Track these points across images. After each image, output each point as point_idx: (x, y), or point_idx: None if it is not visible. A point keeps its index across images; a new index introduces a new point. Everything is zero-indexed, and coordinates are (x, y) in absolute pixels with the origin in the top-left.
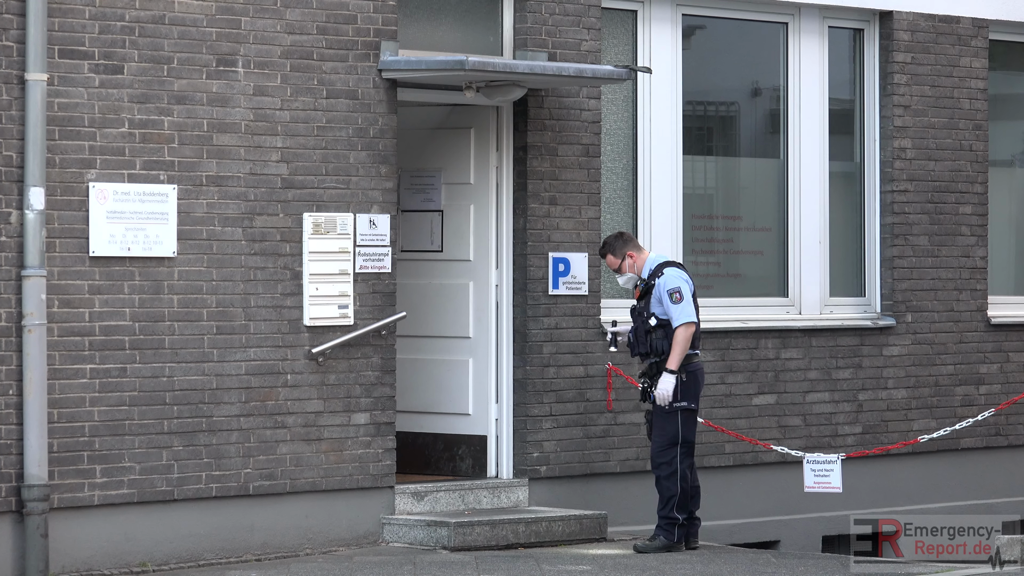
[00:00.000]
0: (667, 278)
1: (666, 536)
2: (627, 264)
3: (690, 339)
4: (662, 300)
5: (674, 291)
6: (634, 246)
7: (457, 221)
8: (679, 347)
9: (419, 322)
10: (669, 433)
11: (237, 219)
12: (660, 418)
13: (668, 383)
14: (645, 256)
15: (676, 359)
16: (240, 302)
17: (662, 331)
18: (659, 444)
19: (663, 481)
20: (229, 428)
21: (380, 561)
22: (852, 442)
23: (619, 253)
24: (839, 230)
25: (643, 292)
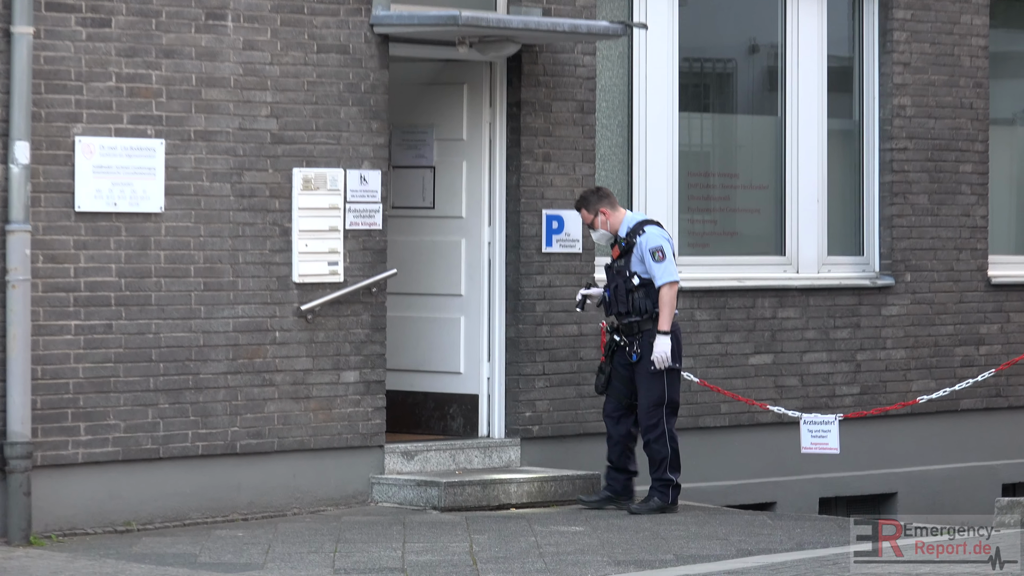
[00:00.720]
0: (649, 236)
1: (660, 497)
2: (599, 220)
3: (675, 298)
4: (644, 259)
5: (656, 250)
6: (609, 203)
7: (449, 178)
8: (667, 307)
9: (410, 279)
10: (655, 394)
11: (225, 174)
12: (645, 379)
13: (664, 345)
14: (621, 215)
15: (667, 319)
16: (228, 258)
17: (644, 290)
18: (645, 406)
19: (652, 444)
20: (216, 386)
21: (369, 521)
22: (850, 403)
23: (592, 208)
24: (837, 188)
25: (623, 251)
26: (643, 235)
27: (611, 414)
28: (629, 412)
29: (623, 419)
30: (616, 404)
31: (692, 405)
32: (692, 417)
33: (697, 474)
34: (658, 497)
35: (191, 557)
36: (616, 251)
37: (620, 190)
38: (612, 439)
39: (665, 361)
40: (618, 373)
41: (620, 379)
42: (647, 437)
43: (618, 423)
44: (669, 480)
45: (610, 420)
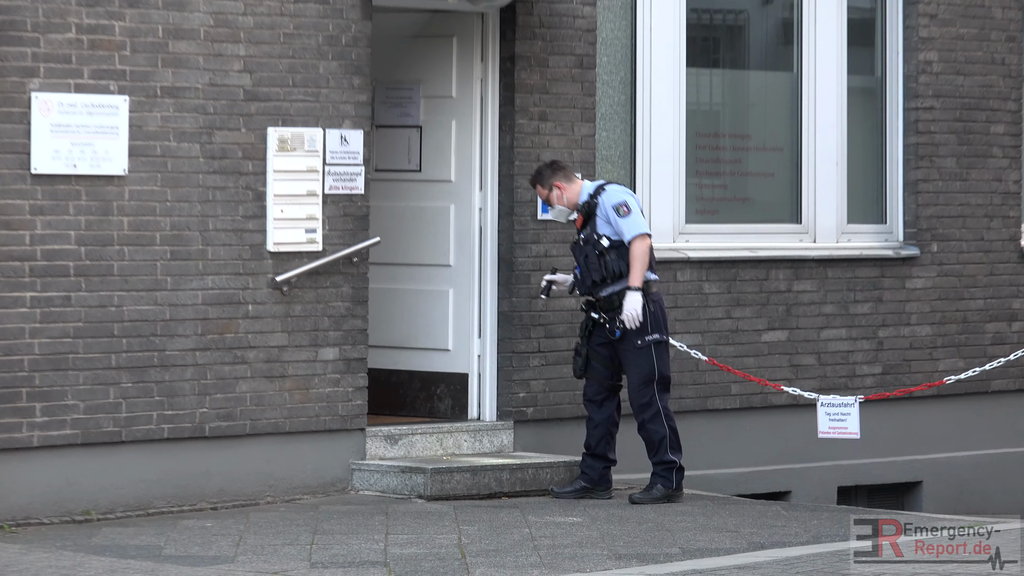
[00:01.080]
0: (609, 193)
1: (664, 483)
2: (555, 195)
3: (648, 252)
4: (609, 219)
5: (620, 205)
6: (564, 175)
7: (437, 138)
8: (638, 262)
9: (394, 248)
10: (644, 370)
11: (195, 134)
12: (631, 356)
13: (635, 301)
14: (578, 186)
15: (638, 274)
16: (197, 225)
17: (616, 252)
18: (635, 384)
19: (647, 425)
20: (183, 363)
21: (349, 511)
22: (871, 383)
23: (547, 183)
24: (858, 151)
25: (586, 217)
26: (604, 193)
27: (593, 398)
28: (612, 395)
29: (606, 402)
30: (598, 387)
31: (700, 386)
32: (700, 399)
33: (705, 460)
34: (661, 483)
35: (155, 549)
36: (579, 220)
37: (622, 152)
38: (593, 423)
39: (635, 320)
40: (597, 353)
41: (600, 360)
42: (641, 417)
43: (601, 407)
44: (671, 463)
45: (592, 405)
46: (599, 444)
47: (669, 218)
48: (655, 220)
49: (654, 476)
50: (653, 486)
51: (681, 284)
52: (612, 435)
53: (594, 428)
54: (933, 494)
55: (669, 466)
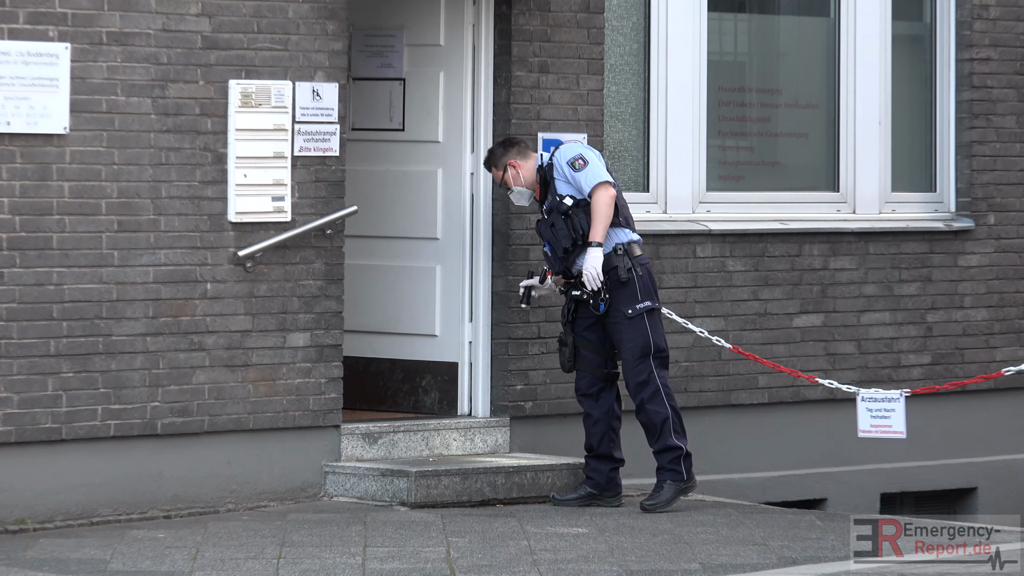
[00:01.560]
0: (562, 150)
1: (673, 477)
2: (511, 176)
3: (612, 205)
4: (567, 177)
5: (575, 159)
6: (519, 152)
7: (423, 92)
8: (599, 215)
9: (374, 219)
10: (638, 343)
11: (146, 87)
12: (623, 329)
13: (595, 258)
14: (534, 161)
15: (599, 228)
16: (148, 191)
17: (583, 211)
18: (629, 360)
19: (647, 406)
20: (132, 350)
21: (321, 520)
22: (919, 375)
23: (499, 163)
24: (904, 108)
25: (543, 183)
26: (556, 153)
27: (587, 391)
28: (609, 385)
29: (603, 394)
30: (591, 379)
31: (723, 377)
32: (722, 392)
33: (729, 463)
34: (671, 479)
35: (100, 563)
36: (537, 191)
37: (634, 109)
38: (591, 419)
39: (596, 279)
40: (584, 340)
41: (589, 346)
42: (640, 397)
43: (598, 400)
44: (677, 448)
45: (588, 399)
46: (602, 443)
47: (688, 185)
48: (671, 188)
49: (661, 472)
50: (661, 486)
51: (701, 261)
52: (615, 431)
53: (593, 425)
54: (990, 502)
55: (675, 454)
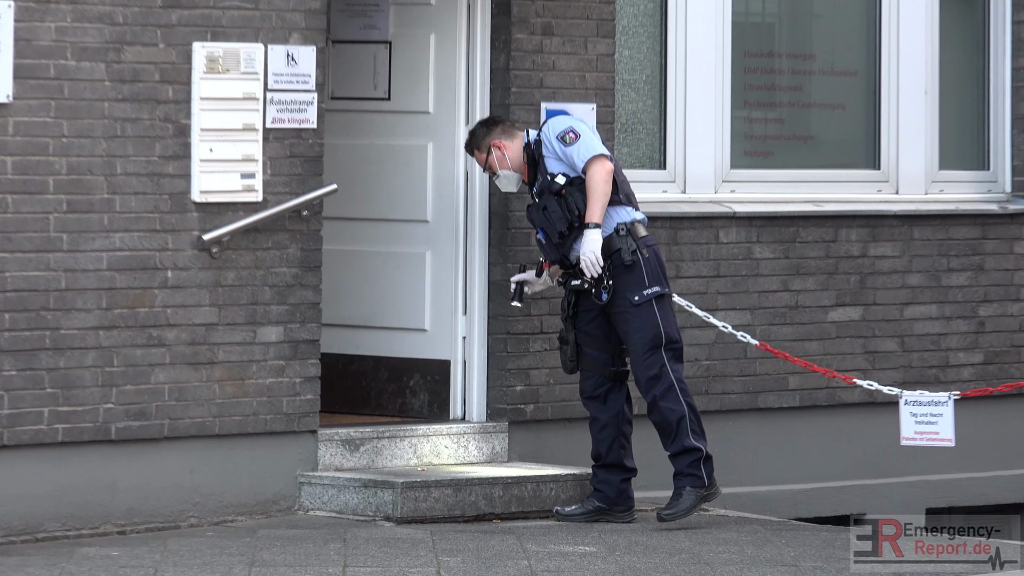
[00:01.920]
0: (551, 124)
1: (693, 483)
2: (496, 158)
3: (609, 181)
4: (557, 153)
5: (565, 132)
6: (503, 132)
7: (412, 57)
8: (596, 192)
9: (356, 199)
10: (647, 334)
11: (99, 50)
12: (630, 318)
13: (593, 241)
14: (522, 141)
15: (597, 207)
16: (101, 167)
17: (577, 189)
18: (638, 353)
19: (660, 403)
20: (83, 346)
21: (295, 536)
22: (969, 376)
23: (483, 144)
24: (953, 76)
25: (531, 162)
26: (544, 128)
27: (593, 393)
28: (618, 385)
29: (612, 395)
30: (598, 379)
31: (749, 378)
32: (748, 395)
33: (755, 474)
34: (690, 485)
35: None
36: (526, 172)
37: (650, 77)
38: (599, 424)
39: (595, 265)
40: (588, 336)
41: (593, 343)
42: (651, 395)
43: (606, 402)
44: (695, 450)
45: (594, 402)
46: (611, 450)
47: (710, 162)
48: (691, 165)
49: (678, 478)
50: (680, 493)
51: (725, 247)
52: (626, 436)
53: (601, 431)
54: None
55: (694, 456)
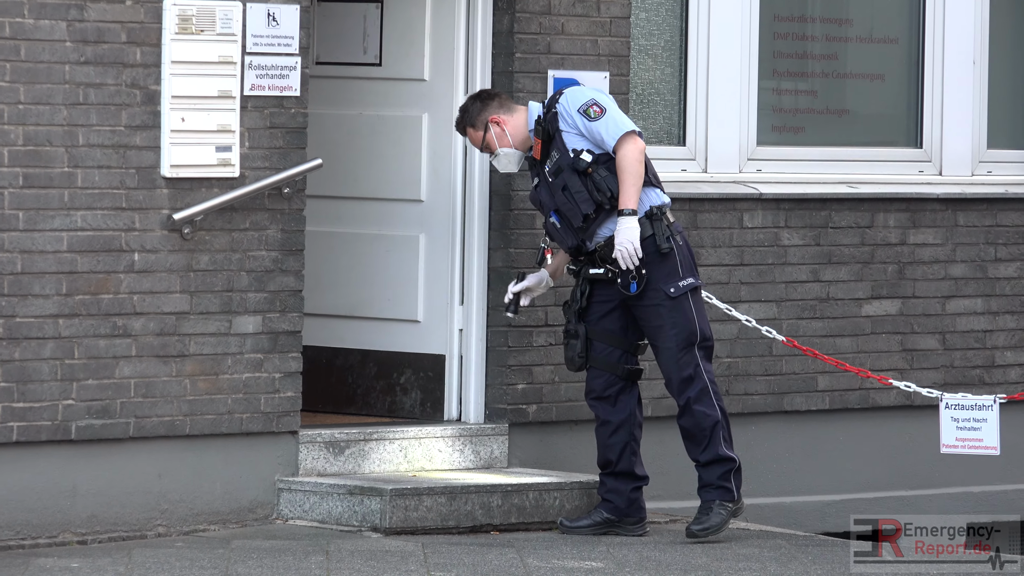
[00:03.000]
0: (569, 96)
1: (723, 496)
2: (494, 135)
3: (643, 161)
4: (579, 127)
5: (588, 105)
6: (500, 106)
7: (405, 18)
8: (630, 174)
9: (343, 175)
10: (683, 330)
11: (59, 7)
12: (662, 314)
13: (631, 230)
14: (523, 113)
15: (632, 192)
16: (62, 138)
17: (605, 167)
18: (672, 351)
19: (694, 407)
20: (41, 335)
21: (273, 548)
22: (1017, 377)
23: (477, 121)
24: (1004, 44)
25: (545, 138)
26: (561, 99)
27: (603, 394)
28: (630, 386)
29: (623, 396)
30: (608, 378)
31: (774, 377)
32: (774, 396)
33: (779, 483)
34: (720, 499)
35: None
36: (537, 146)
37: (668, 42)
38: (609, 428)
39: (633, 255)
40: (600, 331)
41: (606, 337)
42: (685, 397)
43: (616, 404)
44: (729, 460)
45: (603, 403)
46: (622, 457)
47: (733, 138)
48: (713, 141)
49: (707, 491)
50: (710, 507)
51: (749, 232)
52: (637, 441)
53: (611, 435)
54: None
55: (727, 467)
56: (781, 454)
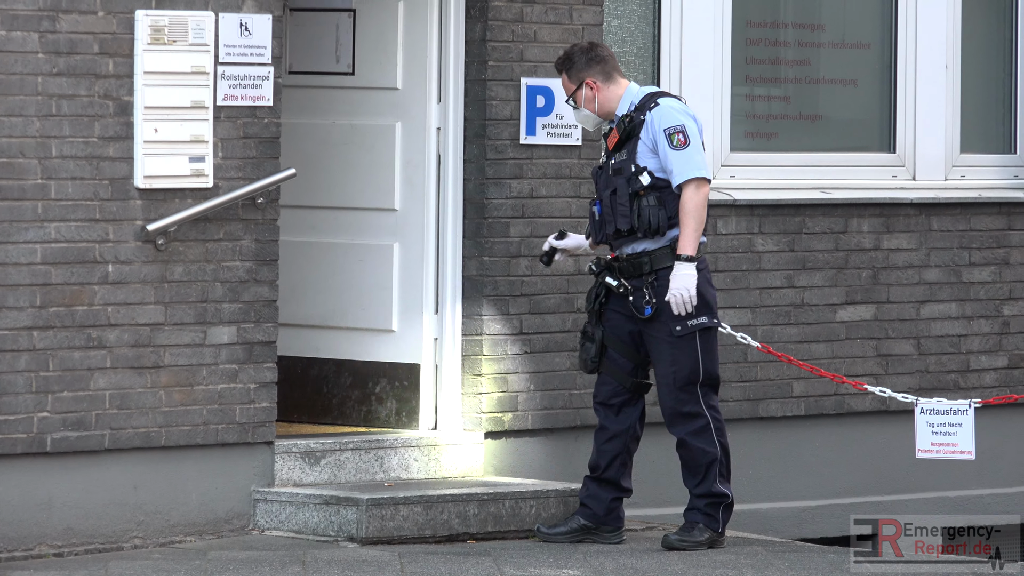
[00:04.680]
0: (663, 111)
1: (708, 523)
2: (584, 95)
3: (705, 206)
4: (656, 146)
5: (675, 130)
6: (602, 71)
7: (378, 26)
8: (693, 219)
9: (316, 185)
10: (683, 368)
11: (31, 19)
12: (665, 346)
13: (688, 278)
14: (620, 89)
15: (692, 238)
16: (34, 149)
17: (656, 197)
18: (670, 386)
19: (691, 443)
20: (15, 348)
21: (250, 559)
22: (992, 381)
23: (576, 75)
24: (977, 49)
25: (624, 135)
26: (655, 109)
27: (608, 401)
28: (636, 397)
29: (627, 408)
30: (615, 387)
31: (749, 384)
32: (749, 402)
33: (756, 489)
34: (704, 522)
35: None
36: (614, 137)
37: (641, 49)
38: (606, 435)
39: (687, 304)
40: (615, 337)
41: (619, 347)
42: (683, 430)
43: (619, 414)
44: (722, 496)
45: (607, 410)
46: (611, 466)
47: (707, 144)
48: None
49: (693, 512)
50: (693, 527)
51: (724, 239)
52: (630, 454)
53: (606, 443)
54: None
55: (717, 501)
56: (757, 460)
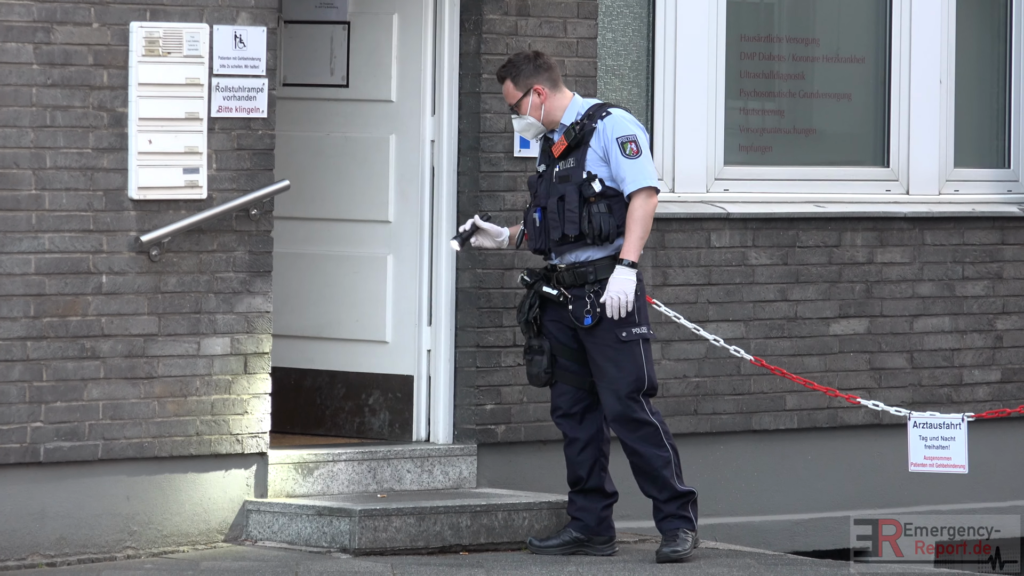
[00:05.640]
0: (616, 120)
1: (687, 525)
2: (530, 102)
3: (652, 216)
4: (608, 155)
5: (628, 139)
6: (550, 79)
7: (373, 39)
8: (640, 226)
9: (311, 197)
10: (630, 375)
11: (26, 30)
12: (609, 354)
13: (627, 282)
14: (566, 99)
15: (636, 244)
16: (28, 160)
17: (606, 204)
18: (615, 395)
19: (641, 449)
20: (9, 358)
21: (242, 569)
22: (985, 395)
23: (522, 82)
24: (971, 63)
25: (574, 143)
26: (607, 118)
27: (570, 411)
28: (596, 402)
29: (590, 414)
30: (574, 394)
31: (742, 397)
32: (742, 415)
33: (748, 503)
34: (684, 527)
35: None
36: (561, 145)
37: (635, 62)
38: (577, 445)
39: (623, 308)
40: (562, 347)
41: (568, 353)
42: (632, 436)
43: (583, 421)
44: (688, 494)
45: (570, 420)
46: (592, 474)
47: (701, 157)
48: (680, 160)
49: (671, 520)
50: (675, 535)
51: (717, 252)
52: (606, 457)
53: (580, 452)
54: None
55: (687, 499)
56: (750, 473)
